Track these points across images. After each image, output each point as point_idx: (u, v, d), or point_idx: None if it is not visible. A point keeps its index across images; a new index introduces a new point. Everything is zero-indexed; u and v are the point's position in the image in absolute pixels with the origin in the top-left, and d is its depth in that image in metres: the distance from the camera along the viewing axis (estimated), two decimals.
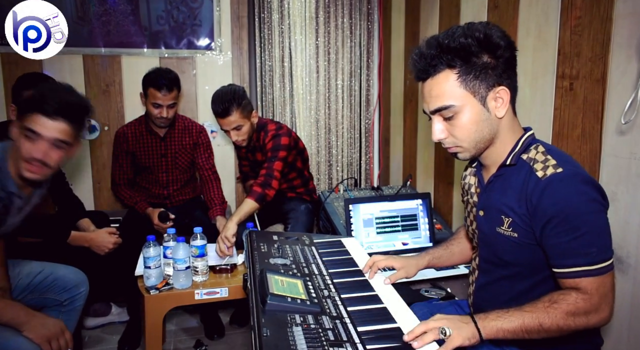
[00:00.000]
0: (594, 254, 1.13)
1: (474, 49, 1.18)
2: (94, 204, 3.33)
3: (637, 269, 1.66)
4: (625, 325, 1.71)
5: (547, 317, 1.12)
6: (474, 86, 1.20)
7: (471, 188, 1.44)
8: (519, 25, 2.14)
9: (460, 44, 1.18)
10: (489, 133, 1.25)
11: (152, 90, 2.61)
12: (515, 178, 1.25)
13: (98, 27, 3.16)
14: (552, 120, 1.97)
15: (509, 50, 1.20)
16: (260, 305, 1.16)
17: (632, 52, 1.62)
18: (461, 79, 1.20)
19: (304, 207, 2.89)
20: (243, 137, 2.58)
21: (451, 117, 1.24)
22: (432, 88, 1.24)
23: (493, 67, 1.20)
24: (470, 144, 1.26)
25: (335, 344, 1.05)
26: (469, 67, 1.19)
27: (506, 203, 1.26)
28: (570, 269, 1.15)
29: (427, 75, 1.24)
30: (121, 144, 2.82)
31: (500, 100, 1.22)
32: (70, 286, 2.02)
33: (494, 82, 1.21)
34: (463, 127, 1.24)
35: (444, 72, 1.21)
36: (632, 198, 1.66)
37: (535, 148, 1.25)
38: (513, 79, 1.24)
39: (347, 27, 3.59)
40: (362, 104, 3.74)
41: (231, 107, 2.45)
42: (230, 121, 2.49)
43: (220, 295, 2.03)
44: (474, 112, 1.22)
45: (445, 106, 1.23)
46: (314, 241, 1.78)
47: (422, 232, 2.47)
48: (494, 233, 1.30)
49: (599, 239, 1.14)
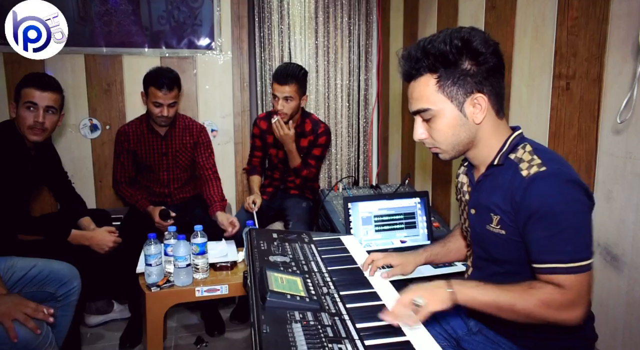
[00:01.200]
0: (571, 252, 1.14)
1: (451, 57, 1.21)
2: (96, 202, 3.35)
3: (632, 266, 1.68)
4: (620, 322, 1.73)
5: (522, 300, 1.14)
6: (451, 92, 1.23)
7: (463, 187, 1.46)
8: (516, 25, 2.16)
9: (439, 50, 1.21)
10: (466, 137, 1.28)
11: (153, 89, 2.63)
12: (502, 177, 1.27)
13: (99, 26, 3.17)
14: (548, 120, 1.99)
15: (493, 57, 1.22)
16: (260, 302, 1.18)
17: (628, 52, 1.63)
18: (440, 84, 1.23)
19: (305, 204, 2.91)
20: (287, 110, 2.77)
21: (430, 119, 1.28)
22: (414, 90, 1.28)
23: (473, 74, 1.21)
24: (447, 146, 1.30)
25: (334, 341, 1.07)
26: (448, 73, 1.22)
27: (494, 201, 1.28)
28: (547, 264, 1.17)
29: (411, 77, 1.28)
30: (122, 143, 2.83)
31: (479, 107, 1.24)
32: (65, 280, 2.06)
33: (472, 89, 1.23)
34: (440, 130, 1.28)
35: (426, 75, 1.25)
36: (628, 197, 1.68)
37: (522, 148, 1.27)
38: (497, 85, 1.25)
39: (346, 27, 3.61)
40: (361, 104, 3.76)
41: (291, 80, 2.71)
42: (285, 90, 2.72)
43: (220, 292, 2.04)
44: (451, 117, 1.25)
45: (423, 109, 1.27)
46: (313, 239, 1.80)
47: (420, 230, 2.49)
48: (485, 231, 1.33)
49: (576, 237, 1.15)
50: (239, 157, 3.55)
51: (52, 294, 2.04)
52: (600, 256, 1.79)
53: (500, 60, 1.25)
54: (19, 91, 2.14)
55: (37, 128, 2.16)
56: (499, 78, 1.26)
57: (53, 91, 2.19)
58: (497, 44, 1.24)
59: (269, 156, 3.10)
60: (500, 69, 1.25)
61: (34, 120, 2.14)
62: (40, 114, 2.14)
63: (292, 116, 2.82)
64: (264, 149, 3.08)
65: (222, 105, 3.49)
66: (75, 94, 3.19)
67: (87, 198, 2.79)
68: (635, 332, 1.68)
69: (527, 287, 1.16)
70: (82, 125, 3.26)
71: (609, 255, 1.76)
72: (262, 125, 3.01)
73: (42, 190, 3.14)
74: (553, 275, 1.15)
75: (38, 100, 2.14)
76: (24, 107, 2.13)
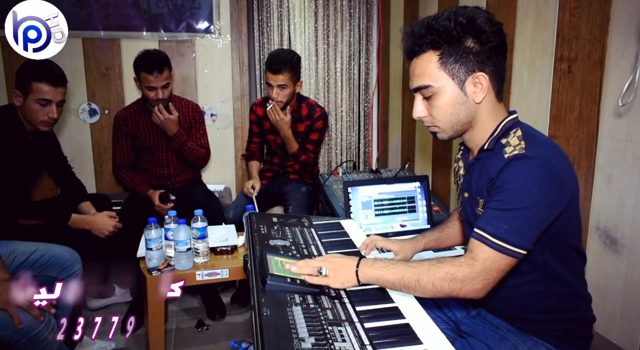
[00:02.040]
0: (504, 230, 1.13)
1: (455, 33, 1.19)
2: (96, 186, 3.35)
3: (631, 250, 1.69)
4: (618, 306, 1.75)
5: (427, 274, 1.16)
6: (453, 69, 1.22)
7: (460, 170, 1.46)
8: (518, 7, 2.13)
9: (443, 26, 1.20)
10: (465, 116, 1.27)
11: (144, 74, 2.63)
12: (490, 161, 1.26)
13: (97, 10, 3.14)
14: (549, 103, 1.98)
15: (496, 37, 1.20)
16: (261, 285, 1.18)
17: (631, 34, 1.62)
18: (442, 61, 1.22)
19: (305, 189, 2.91)
20: (282, 98, 2.75)
21: (430, 96, 1.27)
22: (416, 67, 1.27)
23: (475, 53, 1.20)
24: (446, 125, 1.29)
25: (334, 323, 1.07)
26: (451, 50, 1.21)
27: (481, 185, 1.28)
28: (477, 230, 1.17)
29: (413, 54, 1.27)
30: (120, 127, 2.84)
31: (480, 86, 1.23)
32: (67, 264, 2.07)
33: (474, 68, 1.22)
34: (440, 108, 1.27)
35: (428, 52, 1.24)
36: (628, 180, 1.68)
37: (514, 133, 1.25)
38: (499, 66, 1.24)
39: (346, 10, 3.57)
40: (361, 88, 3.74)
41: (284, 67, 2.67)
42: (279, 78, 2.69)
43: (221, 276, 2.06)
44: (451, 94, 1.24)
45: (424, 85, 1.26)
46: (313, 223, 1.80)
47: (420, 214, 2.50)
48: (475, 214, 1.33)
49: (517, 222, 1.13)
50: (239, 142, 3.54)
51: (54, 278, 2.05)
52: (600, 239, 1.80)
53: (503, 40, 1.23)
54: (29, 83, 2.14)
55: (50, 122, 2.23)
56: (501, 59, 1.25)
57: (64, 85, 2.24)
58: (501, 25, 1.23)
59: (268, 142, 3.10)
60: (502, 49, 1.24)
61: (48, 116, 2.19)
62: (54, 110, 2.20)
63: (287, 103, 2.81)
64: (262, 135, 3.08)
65: (221, 89, 3.47)
66: (73, 78, 3.16)
67: (87, 183, 2.79)
68: (633, 314, 1.70)
69: (436, 262, 1.19)
70: (81, 109, 3.25)
71: (608, 239, 1.77)
72: (259, 111, 3.00)
73: (42, 175, 3.14)
74: (477, 243, 1.16)
75: (52, 97, 2.18)
76: (35, 102, 2.16)
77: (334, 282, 1.23)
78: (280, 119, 2.77)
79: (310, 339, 0.99)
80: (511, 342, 1.32)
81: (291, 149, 2.90)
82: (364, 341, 1.02)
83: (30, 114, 2.18)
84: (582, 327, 1.33)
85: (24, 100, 2.16)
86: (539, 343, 1.30)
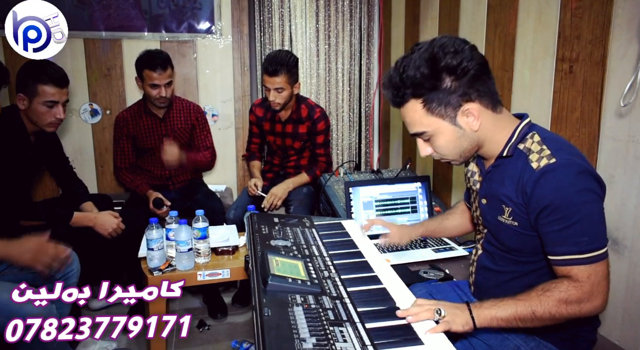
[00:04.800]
0: (585, 242, 1.14)
1: (427, 84, 1.19)
2: (97, 187, 3.35)
3: (633, 250, 1.68)
4: (620, 307, 1.74)
5: (540, 305, 1.14)
6: (440, 111, 1.23)
7: (474, 175, 1.46)
8: (520, 7, 2.13)
9: (413, 79, 1.20)
10: (469, 145, 1.29)
11: (147, 71, 2.65)
12: (512, 168, 1.26)
13: (98, 10, 3.14)
14: (551, 103, 1.98)
15: (471, 64, 1.18)
16: (262, 285, 1.18)
17: (633, 34, 1.61)
18: (427, 107, 1.23)
19: (306, 189, 2.91)
20: (280, 100, 2.72)
21: (429, 139, 1.29)
22: (405, 116, 1.29)
23: (455, 89, 1.20)
24: (454, 156, 1.32)
25: (336, 323, 1.07)
26: (432, 95, 1.21)
27: (505, 193, 1.28)
28: (562, 256, 1.17)
29: (397, 105, 1.29)
30: (121, 128, 2.85)
31: (472, 116, 1.23)
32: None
33: (459, 102, 1.21)
34: (442, 147, 1.29)
35: (411, 101, 1.25)
36: (630, 180, 1.67)
37: (531, 137, 1.25)
38: (482, 88, 1.22)
39: (347, 11, 3.57)
40: (362, 88, 3.74)
41: (281, 70, 2.63)
42: (276, 82, 2.65)
43: (222, 276, 2.06)
44: (448, 133, 1.26)
45: (418, 132, 1.29)
46: (314, 223, 1.80)
47: (421, 214, 2.49)
48: (496, 221, 1.33)
49: (590, 228, 1.15)
50: (240, 142, 3.54)
51: (52, 276, 2.05)
52: None
53: (480, 61, 1.21)
54: (34, 86, 2.15)
55: (57, 123, 2.26)
56: (485, 79, 1.23)
57: (68, 85, 2.27)
58: (472, 48, 1.21)
59: (268, 143, 3.10)
60: (483, 70, 1.22)
61: (55, 117, 2.22)
62: (61, 111, 2.24)
63: (285, 105, 2.79)
64: (262, 136, 3.08)
65: (222, 89, 3.47)
66: (75, 78, 3.17)
67: (88, 183, 2.79)
68: (635, 315, 1.69)
69: (542, 291, 1.17)
70: (82, 110, 3.25)
71: (610, 239, 1.76)
72: (258, 112, 2.99)
73: (44, 176, 3.14)
74: (570, 267, 1.16)
75: (58, 98, 2.21)
76: (42, 105, 2.18)
77: (455, 325, 1.15)
78: (279, 200, 2.78)
79: (312, 339, 0.99)
80: (513, 343, 1.32)
81: (306, 181, 2.93)
82: (365, 341, 1.02)
83: (37, 116, 2.19)
84: (586, 330, 1.33)
85: (30, 103, 2.17)
86: (542, 344, 1.30)
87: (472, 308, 1.18)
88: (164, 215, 2.57)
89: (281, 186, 2.81)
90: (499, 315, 1.16)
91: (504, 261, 1.37)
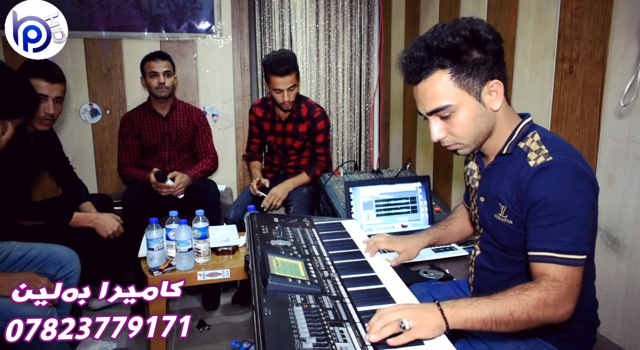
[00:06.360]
0: (567, 243, 1.12)
1: (464, 47, 1.18)
2: (97, 187, 3.35)
3: (633, 250, 1.68)
4: (620, 307, 1.74)
5: (518, 304, 1.09)
6: (467, 83, 1.21)
7: (473, 174, 1.46)
8: (520, 7, 2.13)
9: (450, 44, 1.18)
10: (486, 127, 1.26)
11: (148, 62, 2.81)
12: (511, 166, 1.26)
13: (99, 10, 3.15)
14: (551, 103, 1.98)
15: (496, 43, 1.20)
16: (262, 285, 1.18)
17: (633, 34, 1.62)
18: (455, 78, 1.20)
19: (306, 189, 2.91)
20: (292, 98, 2.77)
21: (448, 116, 1.24)
22: (427, 90, 1.23)
23: (484, 62, 1.19)
24: (470, 140, 1.27)
25: (336, 323, 1.07)
26: (460, 65, 1.19)
27: (502, 191, 1.27)
28: (541, 252, 1.15)
29: (419, 78, 1.23)
30: (127, 127, 2.93)
31: (495, 94, 1.23)
32: (65, 262, 2.06)
33: (486, 77, 1.21)
34: (461, 125, 1.24)
35: (437, 73, 1.21)
36: (630, 180, 1.67)
37: (531, 136, 1.25)
38: (503, 70, 1.24)
39: (347, 10, 3.57)
40: (362, 88, 3.74)
41: (291, 68, 2.68)
42: (288, 81, 2.68)
43: (222, 276, 2.05)
44: (471, 108, 1.23)
45: (442, 106, 1.23)
46: (314, 223, 1.80)
47: (421, 214, 2.49)
48: (493, 219, 1.32)
49: (575, 230, 1.13)
50: (240, 142, 3.55)
51: (52, 277, 2.05)
52: (601, 240, 1.80)
53: (502, 45, 1.23)
54: None
55: (47, 119, 2.24)
56: (504, 63, 1.25)
57: (61, 82, 2.26)
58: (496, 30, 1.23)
59: (268, 142, 3.11)
60: (502, 54, 1.24)
61: (44, 112, 2.21)
62: (51, 106, 2.22)
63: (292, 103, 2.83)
64: (262, 136, 3.09)
65: (222, 89, 3.47)
66: (75, 78, 3.17)
67: (88, 183, 2.79)
68: (635, 315, 1.69)
69: (520, 290, 1.12)
70: (82, 110, 3.25)
71: (610, 239, 1.77)
72: (258, 113, 3.00)
73: (44, 176, 3.15)
74: (546, 264, 1.14)
75: (48, 92, 2.20)
76: None
77: (424, 331, 1.06)
78: (279, 201, 2.79)
79: (312, 339, 0.99)
80: (513, 343, 1.32)
81: (306, 181, 2.93)
82: (365, 341, 1.02)
83: None
84: (586, 331, 1.33)
85: None
86: (541, 344, 1.30)
87: (443, 308, 1.10)
88: (166, 190, 2.67)
89: (281, 186, 2.81)
90: (475, 316, 1.09)
91: (501, 261, 1.37)
